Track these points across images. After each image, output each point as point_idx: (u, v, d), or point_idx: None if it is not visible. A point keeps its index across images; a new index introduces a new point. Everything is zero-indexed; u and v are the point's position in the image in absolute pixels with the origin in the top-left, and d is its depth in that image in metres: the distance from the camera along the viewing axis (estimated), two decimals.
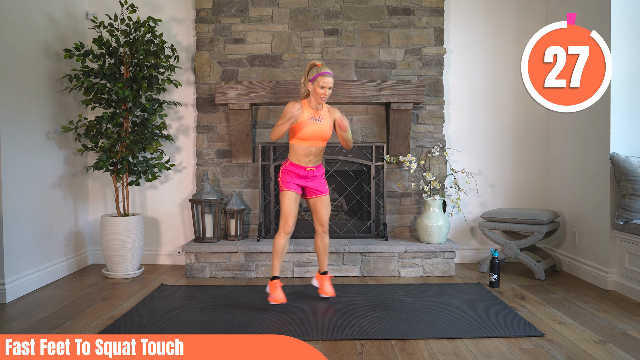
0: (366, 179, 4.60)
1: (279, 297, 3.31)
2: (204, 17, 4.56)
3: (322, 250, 3.59)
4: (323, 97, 3.35)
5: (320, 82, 3.32)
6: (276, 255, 3.39)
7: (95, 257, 4.78)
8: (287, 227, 3.37)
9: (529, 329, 2.97)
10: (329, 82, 3.33)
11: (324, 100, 3.39)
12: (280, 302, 3.30)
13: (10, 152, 3.66)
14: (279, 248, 3.39)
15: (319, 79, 3.32)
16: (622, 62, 3.75)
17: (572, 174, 4.31)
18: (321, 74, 3.32)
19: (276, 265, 3.39)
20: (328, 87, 3.34)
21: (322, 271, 3.63)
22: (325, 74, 3.32)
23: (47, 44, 4.11)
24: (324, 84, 3.32)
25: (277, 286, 3.36)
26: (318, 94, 3.34)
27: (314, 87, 3.35)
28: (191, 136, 4.69)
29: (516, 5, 4.69)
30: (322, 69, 3.34)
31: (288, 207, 3.38)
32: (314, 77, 3.34)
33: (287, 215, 3.38)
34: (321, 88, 3.33)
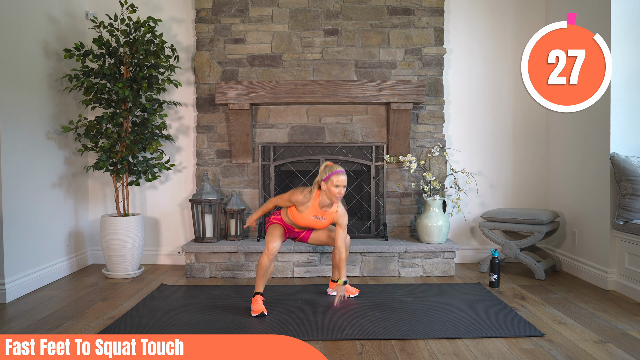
0: (366, 179, 4.60)
1: (259, 307, 3.23)
2: (204, 17, 4.56)
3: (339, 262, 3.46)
4: (338, 196, 3.33)
5: (335, 181, 3.30)
6: (260, 274, 3.32)
7: (95, 257, 4.78)
8: (269, 249, 3.30)
9: (529, 329, 2.97)
10: (343, 181, 3.31)
11: (339, 200, 3.38)
12: (260, 312, 3.21)
13: (10, 152, 3.66)
14: (262, 268, 3.31)
15: (333, 177, 3.30)
16: (622, 62, 3.75)
17: (572, 174, 4.31)
18: (335, 173, 3.30)
19: (260, 283, 3.32)
20: (342, 186, 3.32)
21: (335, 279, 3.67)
22: (338, 172, 3.31)
23: (47, 44, 4.11)
24: (338, 183, 3.30)
25: (258, 300, 3.29)
26: (332, 193, 3.32)
27: (327, 186, 3.32)
28: (191, 136, 4.69)
29: (516, 5, 4.69)
30: (334, 168, 3.33)
31: (272, 232, 3.40)
32: (328, 176, 3.31)
33: (269, 238, 3.36)
34: (335, 187, 3.31)
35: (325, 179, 3.32)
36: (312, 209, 3.39)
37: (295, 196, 3.37)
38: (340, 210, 3.44)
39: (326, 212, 3.42)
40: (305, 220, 3.42)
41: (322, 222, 3.45)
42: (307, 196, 3.36)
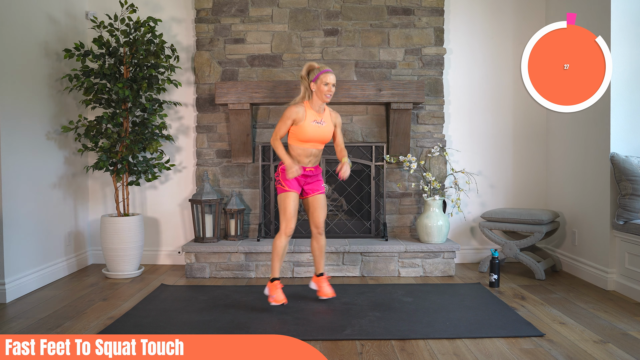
0: (366, 179, 4.60)
1: (280, 298, 3.29)
2: (204, 17, 4.56)
3: (318, 252, 3.55)
4: (328, 94, 3.35)
5: (324, 79, 3.33)
6: (276, 257, 3.36)
7: (95, 257, 4.78)
8: (288, 228, 3.34)
9: (529, 329, 2.97)
10: (333, 79, 3.34)
11: (329, 98, 3.38)
12: (281, 302, 3.28)
13: (10, 152, 3.66)
14: (279, 249, 3.35)
15: (321, 76, 3.33)
16: (622, 62, 3.75)
17: (572, 174, 4.31)
18: (323, 72, 3.34)
19: (276, 267, 3.37)
20: (332, 84, 3.34)
21: (318, 273, 3.60)
22: (327, 71, 3.34)
23: (47, 44, 4.11)
24: (327, 81, 3.33)
25: (277, 287, 3.34)
26: (322, 91, 3.34)
27: (317, 85, 3.34)
28: (191, 136, 4.69)
29: (516, 5, 4.69)
30: (322, 68, 3.36)
31: (291, 208, 3.35)
32: (317, 76, 3.34)
33: (289, 216, 3.35)
34: (325, 85, 3.33)
35: (315, 79, 3.34)
36: (310, 115, 3.36)
37: (290, 109, 3.33)
38: (333, 111, 3.48)
39: (322, 115, 3.42)
40: (309, 131, 3.34)
41: (323, 126, 3.40)
42: (299, 105, 3.35)
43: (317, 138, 3.39)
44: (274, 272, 3.37)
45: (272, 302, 3.30)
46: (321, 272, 3.59)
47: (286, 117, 3.33)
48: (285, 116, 3.34)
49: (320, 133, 3.39)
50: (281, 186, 3.40)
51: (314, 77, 3.35)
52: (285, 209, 3.36)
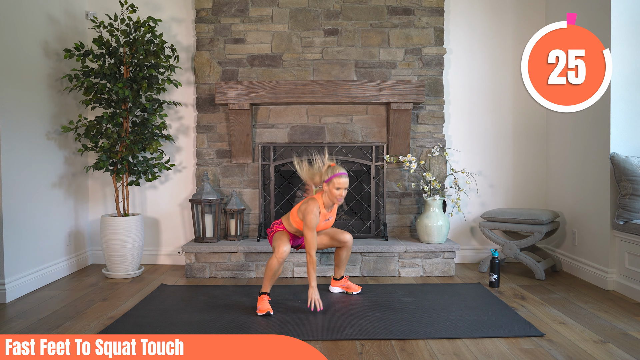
0: (366, 179, 4.60)
1: (265, 307, 3.24)
2: (204, 17, 4.56)
3: (345, 259, 3.70)
4: (339, 198, 3.35)
5: (337, 183, 3.32)
6: (268, 276, 3.32)
7: (95, 257, 4.78)
8: (279, 252, 3.29)
9: (529, 329, 2.97)
10: (345, 183, 3.33)
11: (341, 202, 3.38)
12: (266, 311, 3.22)
13: (10, 152, 3.66)
14: (271, 270, 3.31)
15: (335, 180, 3.32)
16: (622, 62, 3.75)
17: (572, 174, 4.31)
18: (337, 175, 3.32)
19: (267, 284, 3.33)
20: (344, 188, 3.34)
21: (339, 277, 3.73)
22: (341, 174, 3.33)
23: (47, 44, 4.11)
24: (339, 185, 3.32)
25: (264, 299, 3.30)
26: (334, 195, 3.33)
27: (329, 188, 3.34)
28: (191, 136, 4.69)
29: (516, 5, 4.69)
30: (337, 170, 3.34)
31: (280, 237, 3.38)
32: (330, 178, 3.33)
33: (278, 243, 3.34)
34: (337, 189, 3.32)
35: (328, 180, 3.34)
36: (322, 215, 3.40)
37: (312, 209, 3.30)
38: None
39: (332, 212, 3.49)
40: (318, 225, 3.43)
41: (331, 221, 3.53)
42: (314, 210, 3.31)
43: (320, 229, 3.51)
44: (264, 287, 3.34)
45: (258, 312, 3.24)
46: (342, 275, 3.74)
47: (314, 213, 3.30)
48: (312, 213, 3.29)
49: (325, 226, 3.52)
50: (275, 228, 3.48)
51: (327, 179, 3.34)
52: (276, 239, 3.39)
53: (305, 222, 3.31)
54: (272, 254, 3.37)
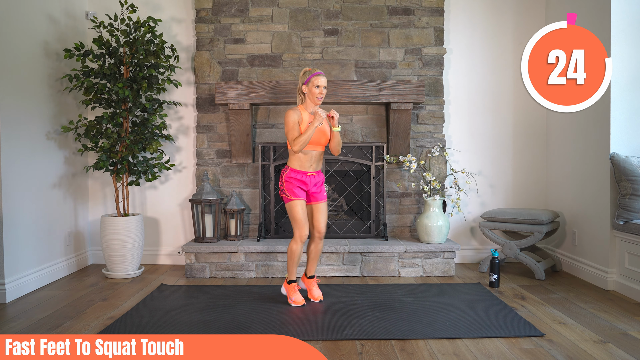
0: (366, 179, 4.60)
1: (299, 300, 3.42)
2: (204, 17, 4.56)
3: (314, 255, 3.60)
4: (320, 96, 3.39)
5: (315, 81, 3.37)
6: (292, 261, 3.44)
7: (95, 257, 4.78)
8: (303, 235, 3.40)
9: (529, 329, 2.97)
10: (324, 81, 3.39)
11: (321, 101, 3.42)
12: (301, 304, 3.39)
13: (10, 152, 3.66)
14: (295, 254, 3.43)
15: (313, 79, 3.38)
16: (622, 62, 3.75)
17: (572, 174, 4.31)
18: (314, 74, 3.38)
19: (293, 271, 3.47)
20: (323, 86, 3.39)
21: (309, 275, 3.64)
22: (318, 73, 3.39)
23: (47, 44, 4.11)
24: (319, 83, 3.37)
25: (295, 289, 3.46)
26: (314, 94, 3.38)
27: (309, 88, 3.39)
28: (191, 136, 4.69)
29: (516, 5, 4.69)
30: (313, 71, 3.41)
31: (301, 215, 3.41)
32: (308, 79, 3.39)
33: (301, 223, 3.40)
34: (316, 87, 3.37)
35: (306, 81, 3.39)
36: (306, 117, 3.40)
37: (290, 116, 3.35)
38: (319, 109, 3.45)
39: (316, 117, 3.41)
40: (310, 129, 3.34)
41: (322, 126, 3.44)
42: (294, 110, 3.39)
43: (316, 139, 3.42)
44: (290, 275, 3.48)
45: (292, 303, 3.42)
46: (312, 275, 3.63)
47: (291, 121, 3.35)
48: (290, 121, 3.35)
49: (320, 133, 3.42)
50: (286, 196, 3.44)
51: (306, 80, 3.40)
52: (294, 217, 3.41)
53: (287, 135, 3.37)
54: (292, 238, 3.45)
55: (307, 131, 3.32)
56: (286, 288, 3.51)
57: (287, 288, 3.49)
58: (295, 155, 3.43)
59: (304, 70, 3.45)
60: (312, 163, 3.46)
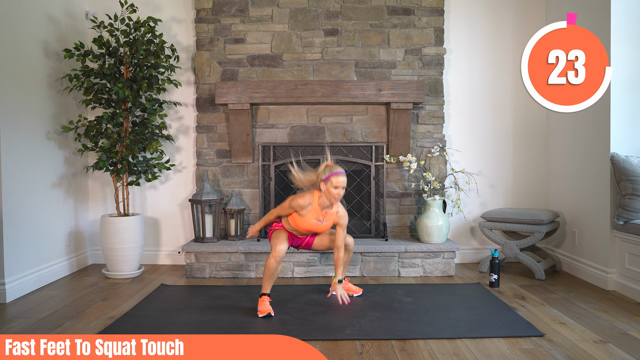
0: (366, 179, 4.60)
1: (265, 308, 3.23)
2: (204, 17, 4.56)
3: (346, 262, 3.64)
4: (337, 197, 3.30)
5: (334, 182, 3.27)
6: (267, 276, 3.31)
7: (95, 257, 4.78)
8: (276, 251, 3.28)
9: (529, 329, 2.97)
10: (343, 182, 3.29)
11: (338, 201, 3.35)
12: (267, 312, 3.21)
13: (10, 152, 3.66)
14: (270, 270, 3.30)
15: (332, 178, 3.27)
16: (622, 62, 3.75)
17: (572, 174, 4.31)
18: (334, 174, 3.28)
19: (266, 285, 3.32)
20: (342, 187, 3.30)
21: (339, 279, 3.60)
22: (338, 173, 3.29)
23: (47, 44, 4.11)
24: (337, 184, 3.27)
25: (265, 300, 3.29)
26: (332, 194, 3.29)
27: (327, 187, 3.29)
28: (191, 136, 4.69)
29: (516, 5, 4.69)
30: (334, 169, 3.31)
31: (277, 236, 3.37)
32: (328, 177, 3.28)
33: (275, 241, 3.33)
34: (335, 188, 3.28)
35: (325, 179, 3.29)
36: (313, 211, 3.34)
37: (296, 201, 3.32)
38: (341, 212, 3.42)
39: (327, 214, 3.38)
40: (307, 224, 3.37)
41: (324, 224, 3.40)
42: (307, 199, 3.32)
43: (312, 231, 3.44)
44: (264, 288, 3.33)
45: (259, 314, 3.22)
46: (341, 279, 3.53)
47: (292, 206, 3.32)
48: (292, 205, 3.32)
49: (317, 228, 3.43)
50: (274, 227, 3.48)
51: (325, 178, 3.29)
52: (273, 237, 3.39)
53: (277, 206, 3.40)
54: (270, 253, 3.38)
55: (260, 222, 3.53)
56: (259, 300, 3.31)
57: (259, 300, 3.30)
58: (288, 224, 3.44)
59: (326, 164, 3.34)
60: (304, 235, 3.52)
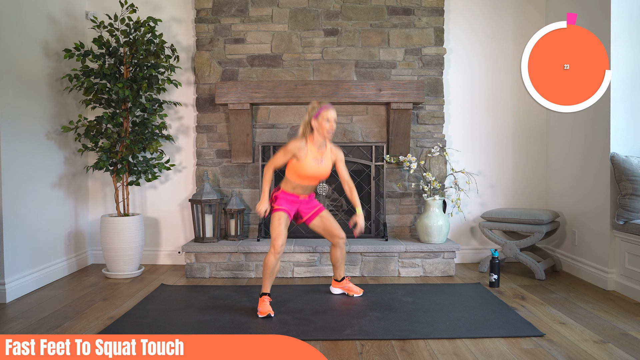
0: (366, 179, 4.60)
1: (266, 309, 3.22)
2: (204, 17, 4.56)
3: (341, 259, 3.63)
4: (330, 131, 3.33)
5: (325, 115, 3.30)
6: (267, 274, 3.32)
7: (95, 257, 4.78)
8: (276, 247, 3.29)
9: (529, 329, 2.97)
10: (334, 115, 3.32)
11: (331, 135, 3.36)
12: (267, 313, 3.20)
13: (10, 152, 3.66)
14: (269, 267, 3.31)
15: (323, 113, 3.30)
16: (622, 62, 3.75)
17: (572, 174, 4.31)
18: (324, 108, 3.31)
19: (266, 284, 3.33)
20: (334, 120, 3.32)
21: (340, 278, 3.67)
22: (328, 107, 3.32)
23: (47, 44, 4.11)
24: (328, 117, 3.30)
25: (265, 301, 3.29)
26: (324, 128, 3.31)
27: (319, 122, 3.31)
28: (191, 136, 4.69)
29: (516, 5, 4.69)
30: (323, 104, 3.34)
31: (277, 227, 3.35)
32: (318, 112, 3.31)
33: (276, 235, 3.33)
34: (327, 121, 3.30)
35: (316, 115, 3.32)
36: (311, 152, 3.35)
37: (292, 143, 3.32)
38: (334, 148, 3.45)
39: (323, 153, 3.39)
40: (308, 168, 3.33)
41: (323, 166, 3.40)
42: (301, 140, 3.34)
43: (315, 175, 3.40)
44: (264, 288, 3.33)
45: (259, 314, 3.22)
46: (343, 277, 3.66)
47: (288, 149, 3.32)
48: (287, 149, 3.32)
49: (319, 171, 3.39)
50: (275, 206, 3.43)
51: (315, 114, 3.32)
52: (274, 225, 3.36)
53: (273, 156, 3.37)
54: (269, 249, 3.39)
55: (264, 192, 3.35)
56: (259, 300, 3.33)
57: (259, 300, 3.31)
58: (289, 182, 3.42)
59: (313, 104, 3.37)
60: (306, 191, 3.47)
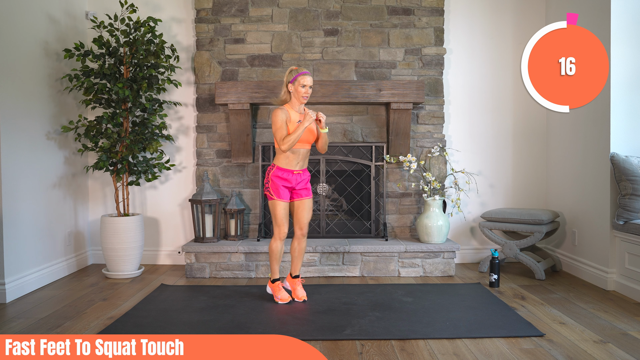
0: (366, 179, 4.60)
1: (285, 297, 3.47)
2: (204, 17, 4.56)
3: (298, 253, 3.62)
4: (305, 95, 3.41)
5: (301, 81, 3.39)
6: (274, 259, 3.51)
7: (95, 257, 4.78)
8: (281, 233, 3.47)
9: (529, 329, 2.97)
10: (309, 81, 3.41)
11: (306, 100, 3.44)
12: (288, 300, 3.45)
13: (10, 152, 3.66)
14: (276, 252, 3.50)
15: (299, 78, 3.39)
16: (622, 62, 3.75)
17: (572, 174, 4.31)
18: (300, 74, 3.39)
19: (275, 269, 3.53)
20: (309, 86, 3.40)
21: (294, 275, 3.64)
22: (304, 73, 3.40)
23: (47, 44, 4.11)
24: (304, 83, 3.39)
25: (280, 287, 3.51)
26: (300, 93, 3.40)
27: (295, 87, 3.40)
28: (191, 136, 4.69)
29: (516, 5, 4.69)
30: (300, 70, 3.42)
31: (281, 215, 3.45)
32: (294, 78, 3.39)
33: (280, 222, 3.46)
34: (302, 87, 3.39)
35: (292, 80, 3.39)
36: (294, 115, 3.42)
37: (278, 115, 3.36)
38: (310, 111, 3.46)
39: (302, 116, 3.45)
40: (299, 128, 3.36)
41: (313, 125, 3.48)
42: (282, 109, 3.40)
43: (304, 138, 3.45)
44: (274, 274, 3.53)
45: (279, 301, 3.46)
46: (297, 275, 3.64)
47: (279, 120, 3.38)
48: (278, 120, 3.38)
49: (308, 131, 3.45)
50: (270, 194, 3.47)
51: (292, 79, 3.40)
52: (275, 215, 3.47)
53: (275, 135, 3.40)
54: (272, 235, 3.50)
55: (297, 131, 3.35)
56: (271, 287, 3.56)
57: (272, 287, 3.54)
58: (283, 154, 3.45)
59: (290, 69, 3.44)
60: (299, 161, 3.48)
